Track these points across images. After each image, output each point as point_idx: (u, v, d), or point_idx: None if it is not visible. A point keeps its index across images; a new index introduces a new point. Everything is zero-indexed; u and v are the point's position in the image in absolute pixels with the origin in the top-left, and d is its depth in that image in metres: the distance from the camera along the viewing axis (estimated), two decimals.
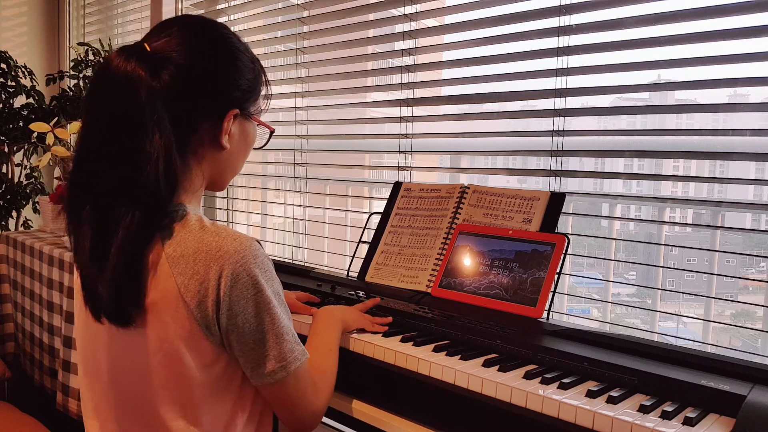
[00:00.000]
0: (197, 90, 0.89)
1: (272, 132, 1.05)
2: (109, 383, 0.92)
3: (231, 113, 0.93)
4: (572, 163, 1.53)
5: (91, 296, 0.88)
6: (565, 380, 0.93)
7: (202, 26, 0.93)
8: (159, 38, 0.89)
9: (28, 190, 2.70)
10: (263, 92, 1.00)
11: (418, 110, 1.85)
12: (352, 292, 1.42)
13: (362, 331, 1.19)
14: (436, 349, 1.08)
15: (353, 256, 1.63)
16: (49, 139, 2.24)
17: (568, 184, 1.54)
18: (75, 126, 2.21)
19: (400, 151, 1.87)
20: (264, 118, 1.03)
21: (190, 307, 0.84)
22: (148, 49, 0.86)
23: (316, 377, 0.98)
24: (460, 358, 1.03)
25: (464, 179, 1.79)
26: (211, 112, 0.92)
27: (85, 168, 0.86)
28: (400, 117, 1.86)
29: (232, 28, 0.98)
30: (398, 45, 1.86)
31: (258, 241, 0.89)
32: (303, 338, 1.12)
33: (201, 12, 2.53)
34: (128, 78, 0.83)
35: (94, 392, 0.96)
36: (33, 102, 2.73)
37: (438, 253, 1.42)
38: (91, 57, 2.68)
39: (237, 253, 0.85)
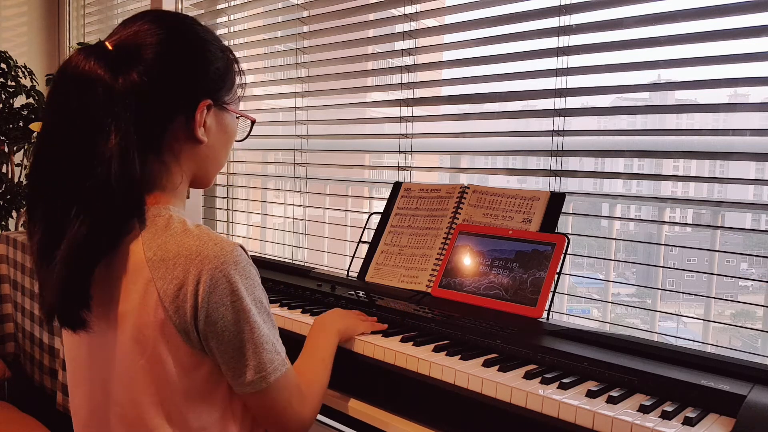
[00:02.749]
0: (164, 84, 0.87)
1: (253, 122, 1.03)
2: (97, 391, 0.91)
3: (203, 104, 0.91)
4: (572, 163, 1.53)
5: (41, 298, 0.86)
6: (565, 380, 0.93)
7: (165, 19, 0.91)
8: (122, 35, 0.87)
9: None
10: (237, 81, 0.98)
11: (418, 110, 1.85)
12: (352, 292, 1.42)
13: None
14: (436, 349, 1.08)
15: (353, 256, 1.63)
16: None
17: (568, 184, 1.54)
18: None
19: (400, 151, 1.87)
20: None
21: (169, 312, 0.83)
22: (110, 47, 0.85)
23: (304, 387, 0.97)
24: (460, 358, 1.03)
25: (464, 179, 1.79)
26: (182, 104, 0.89)
27: (41, 168, 0.84)
28: (400, 117, 1.86)
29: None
30: (398, 45, 1.86)
31: (242, 246, 0.87)
32: (302, 339, 1.12)
33: (201, 12, 2.53)
34: (85, 77, 0.81)
35: (82, 400, 0.94)
36: (33, 102, 2.73)
37: (438, 253, 1.42)
38: None
39: (217, 258, 0.83)
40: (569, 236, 1.24)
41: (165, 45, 0.87)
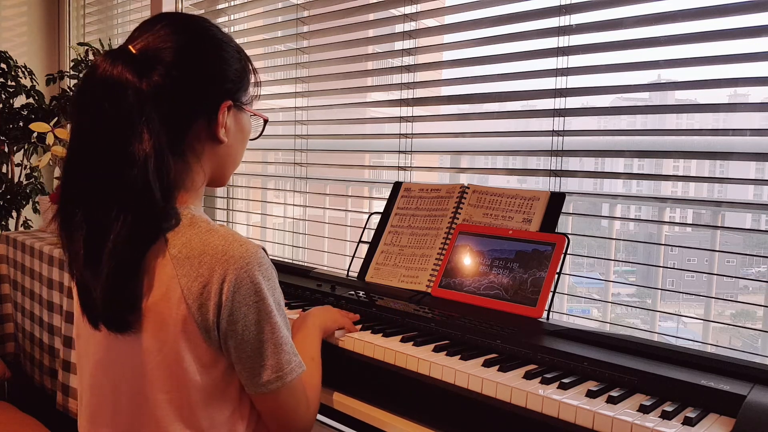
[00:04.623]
0: (187, 86, 0.88)
1: (266, 121, 1.04)
2: (108, 388, 0.91)
3: (224, 105, 0.92)
4: (572, 163, 1.53)
5: (87, 303, 0.87)
6: (565, 380, 0.93)
7: (185, 22, 0.93)
8: (143, 39, 0.88)
9: (28, 190, 2.70)
10: (252, 80, 1.00)
11: (418, 110, 1.85)
12: (352, 292, 1.42)
13: (364, 331, 1.19)
14: (436, 349, 1.08)
15: (353, 256, 1.63)
16: (49, 139, 2.24)
17: (568, 184, 1.54)
18: None
19: (400, 151, 1.87)
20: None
21: (192, 309, 0.84)
22: (134, 51, 0.86)
23: (307, 390, 0.98)
24: (460, 358, 1.03)
25: (464, 179, 1.79)
26: (205, 106, 0.91)
27: (76, 173, 0.86)
28: (400, 117, 1.86)
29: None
30: (398, 45, 1.86)
31: (264, 249, 0.89)
32: None
33: (201, 12, 2.52)
34: (114, 82, 0.83)
35: (92, 397, 0.94)
36: (33, 102, 2.73)
37: (438, 253, 1.42)
38: (91, 57, 2.68)
39: (242, 259, 0.85)
40: (569, 236, 1.24)
41: (185, 48, 0.89)
